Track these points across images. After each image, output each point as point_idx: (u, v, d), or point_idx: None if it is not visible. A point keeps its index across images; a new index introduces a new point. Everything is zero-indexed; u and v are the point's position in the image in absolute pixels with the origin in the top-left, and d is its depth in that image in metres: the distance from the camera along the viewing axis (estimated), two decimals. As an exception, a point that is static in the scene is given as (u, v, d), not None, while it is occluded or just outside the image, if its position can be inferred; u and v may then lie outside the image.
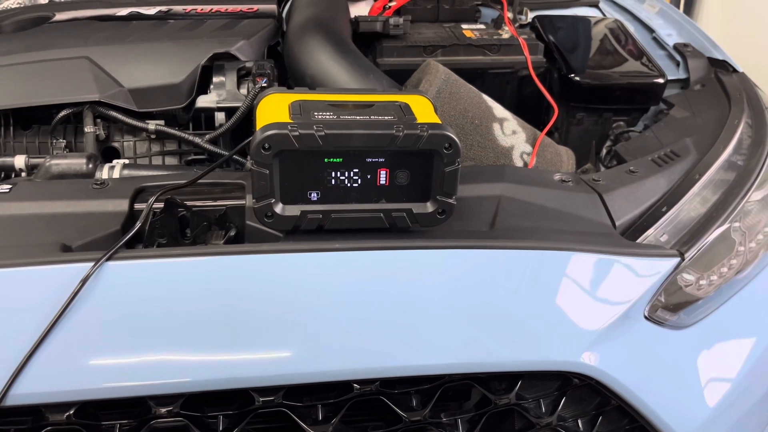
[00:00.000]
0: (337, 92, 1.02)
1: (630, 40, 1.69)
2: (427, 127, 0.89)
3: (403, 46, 1.57)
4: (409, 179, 0.93)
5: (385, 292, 0.92)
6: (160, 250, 0.92)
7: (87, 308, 0.85)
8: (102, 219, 0.99)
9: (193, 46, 1.38)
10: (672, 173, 1.19)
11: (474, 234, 0.99)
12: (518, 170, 1.20)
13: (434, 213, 0.94)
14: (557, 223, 1.05)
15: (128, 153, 1.37)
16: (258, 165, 0.88)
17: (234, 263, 0.90)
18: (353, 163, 0.91)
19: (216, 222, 1.04)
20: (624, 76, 1.57)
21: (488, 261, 0.96)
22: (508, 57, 1.60)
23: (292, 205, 0.92)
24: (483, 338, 0.92)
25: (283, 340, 0.89)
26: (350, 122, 0.90)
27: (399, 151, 0.90)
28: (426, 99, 1.02)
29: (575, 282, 0.97)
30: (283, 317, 0.89)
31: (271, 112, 0.94)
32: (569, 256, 0.98)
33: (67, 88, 1.30)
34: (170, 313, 0.87)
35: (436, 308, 0.92)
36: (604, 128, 1.60)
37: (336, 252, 0.91)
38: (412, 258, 0.93)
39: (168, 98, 1.34)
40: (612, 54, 1.64)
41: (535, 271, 0.96)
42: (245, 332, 0.88)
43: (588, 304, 0.96)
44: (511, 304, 0.94)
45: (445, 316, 0.92)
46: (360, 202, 0.93)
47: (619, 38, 1.71)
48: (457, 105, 1.28)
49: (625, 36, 1.71)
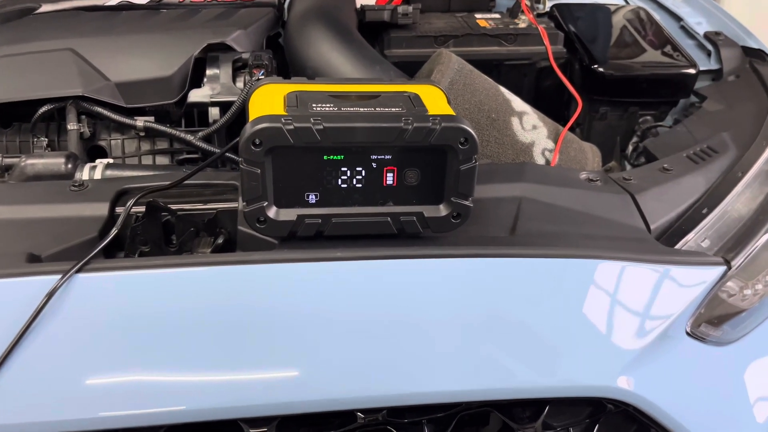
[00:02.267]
0: (339, 82, 0.92)
1: (656, 28, 1.58)
2: (439, 119, 0.79)
3: (412, 37, 1.47)
4: (420, 179, 0.83)
5: (392, 308, 0.81)
6: (137, 261, 0.82)
7: (53, 327, 0.75)
8: (78, 224, 0.90)
9: (186, 36, 1.29)
10: (710, 171, 1.09)
11: (492, 240, 0.88)
12: (540, 168, 1.09)
13: (448, 217, 0.84)
14: (585, 228, 0.94)
15: (116, 152, 1.27)
16: (248, 163, 0.78)
17: (221, 275, 0.80)
18: (356, 161, 0.81)
19: (205, 227, 0.94)
20: (651, 67, 1.45)
21: (509, 271, 0.85)
22: (526, 47, 1.49)
23: (288, 209, 0.82)
24: (505, 360, 0.81)
25: (277, 362, 0.78)
26: (353, 115, 0.80)
27: (408, 146, 0.80)
28: (438, 89, 0.92)
29: (608, 294, 0.86)
30: (276, 337, 0.78)
31: (264, 104, 0.84)
32: (600, 264, 0.87)
33: (48, 82, 1.21)
34: (147, 333, 0.77)
35: (450, 326, 0.81)
36: (629, 123, 1.49)
37: (337, 262, 0.81)
38: (423, 268, 0.83)
39: (158, 93, 1.24)
40: (637, 43, 1.53)
41: (563, 282, 0.86)
42: (233, 354, 0.78)
43: (623, 319, 0.85)
44: (537, 320, 0.83)
45: (461, 334, 0.81)
46: (364, 204, 0.83)
47: (645, 27, 1.59)
48: (472, 97, 1.17)
49: (651, 24, 1.60)
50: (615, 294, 0.86)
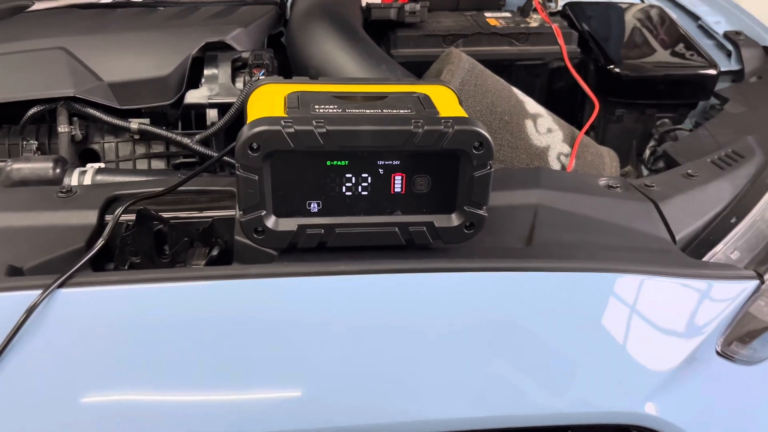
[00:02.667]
0: (343, 82, 0.86)
1: (673, 27, 1.52)
2: (452, 122, 0.73)
3: (419, 36, 1.41)
4: (430, 186, 0.77)
5: (401, 326, 0.75)
6: (124, 275, 0.76)
7: (32, 347, 0.69)
8: (64, 234, 0.84)
9: (183, 35, 1.23)
10: (737, 177, 1.02)
11: (508, 252, 0.82)
12: (556, 174, 1.03)
13: (460, 227, 0.78)
14: (606, 238, 0.88)
15: (110, 156, 1.21)
16: (245, 169, 0.72)
17: (215, 290, 0.74)
18: (362, 167, 0.75)
19: (200, 237, 0.88)
20: (670, 68, 1.39)
21: (526, 286, 0.79)
22: (538, 47, 1.43)
23: (288, 218, 0.76)
24: (523, 383, 0.75)
25: (274, 387, 0.72)
26: (358, 117, 0.74)
27: (418, 151, 0.74)
28: (449, 89, 0.86)
29: (633, 311, 0.80)
30: (273, 359, 0.72)
31: (263, 106, 0.78)
32: (624, 278, 0.80)
33: (38, 82, 1.15)
34: (134, 354, 0.71)
35: (464, 346, 0.75)
36: (646, 126, 1.43)
37: (341, 276, 0.75)
38: (433, 283, 0.77)
39: (154, 93, 1.18)
40: (654, 43, 1.46)
41: (584, 297, 0.79)
42: (226, 378, 0.72)
43: (650, 339, 0.79)
44: (556, 339, 0.77)
45: (475, 355, 0.75)
46: (370, 213, 0.77)
47: (661, 26, 1.53)
48: (484, 99, 1.11)
49: (668, 23, 1.53)
50: (641, 311, 0.80)
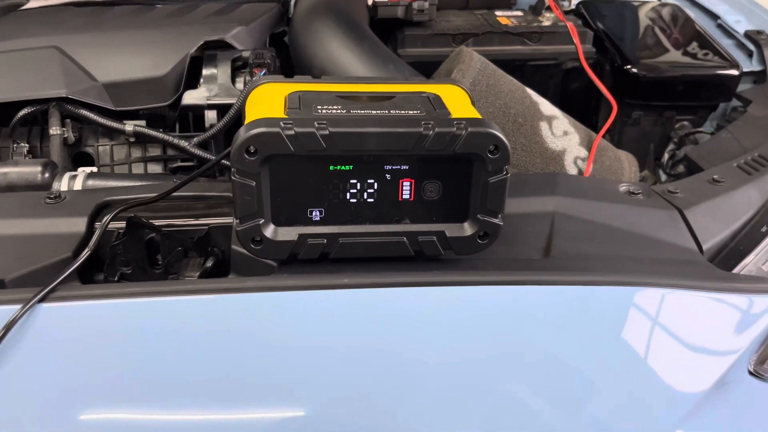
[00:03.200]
0: (348, 81, 0.81)
1: (692, 26, 1.46)
2: (465, 123, 0.67)
3: (428, 35, 1.36)
4: (441, 193, 0.71)
5: (408, 345, 0.69)
6: (110, 288, 0.70)
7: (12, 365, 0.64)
8: (51, 242, 0.79)
9: (181, 33, 1.18)
10: (766, 182, 0.96)
11: (525, 264, 0.77)
12: (574, 179, 0.97)
13: (473, 237, 0.72)
14: (629, 249, 0.82)
15: (104, 159, 1.16)
16: (241, 175, 0.67)
17: (208, 304, 0.68)
18: (367, 172, 0.70)
19: (195, 246, 0.83)
20: (689, 68, 1.33)
21: (544, 300, 0.73)
22: (552, 47, 1.37)
23: (288, 227, 0.71)
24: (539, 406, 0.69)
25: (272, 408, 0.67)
26: (364, 118, 0.69)
27: (428, 155, 0.68)
28: (461, 89, 0.81)
29: (660, 328, 0.74)
30: (271, 380, 0.67)
31: (262, 106, 0.73)
32: (649, 293, 0.74)
33: (30, 82, 1.10)
34: (119, 374, 0.65)
35: (476, 365, 0.69)
36: (664, 129, 1.37)
37: (344, 290, 0.69)
38: (444, 297, 0.71)
39: (150, 94, 1.14)
40: (672, 43, 1.40)
41: (606, 314, 0.73)
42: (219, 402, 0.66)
43: (678, 359, 0.73)
44: (576, 360, 0.71)
45: (488, 375, 0.69)
46: (376, 222, 0.72)
47: (679, 25, 1.47)
48: (496, 100, 1.05)
49: (686, 22, 1.47)
50: (668, 328, 0.74)
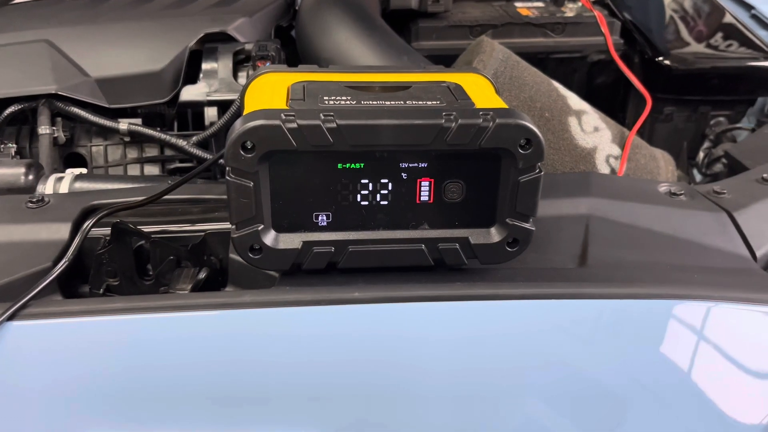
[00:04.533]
0: (358, 70, 0.73)
1: (725, 16, 1.36)
2: (492, 114, 0.58)
3: (444, 27, 1.29)
4: (465, 194, 0.63)
5: (427, 366, 0.60)
6: (88, 304, 0.62)
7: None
8: (30, 251, 0.71)
9: (180, 25, 1.11)
10: (822, 182, 0.87)
11: (559, 275, 0.68)
12: (609, 179, 0.88)
13: (502, 243, 0.64)
14: (674, 256, 0.73)
15: (98, 161, 1.08)
16: (237, 174, 0.59)
17: (201, 322, 0.60)
18: (381, 171, 0.61)
19: (190, 255, 0.75)
20: (725, 60, 1.24)
21: (583, 316, 0.64)
22: (576, 38, 1.29)
23: (291, 234, 0.63)
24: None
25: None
26: (376, 109, 0.60)
27: (450, 151, 0.60)
28: (484, 78, 0.72)
29: (716, 348, 0.64)
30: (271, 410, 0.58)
31: (262, 97, 0.65)
32: (702, 307, 0.66)
33: (17, 78, 1.03)
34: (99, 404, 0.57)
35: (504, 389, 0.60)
36: (698, 126, 1.28)
37: (355, 305, 0.61)
38: (468, 313, 0.62)
39: (146, 91, 1.06)
40: (705, 34, 1.31)
41: (653, 331, 0.64)
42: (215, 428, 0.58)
43: (738, 383, 0.63)
44: (620, 384, 0.62)
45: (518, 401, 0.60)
46: (391, 228, 0.64)
47: (712, 14, 1.38)
48: (521, 93, 0.96)
49: (719, 12, 1.38)
50: (724, 348, 0.65)
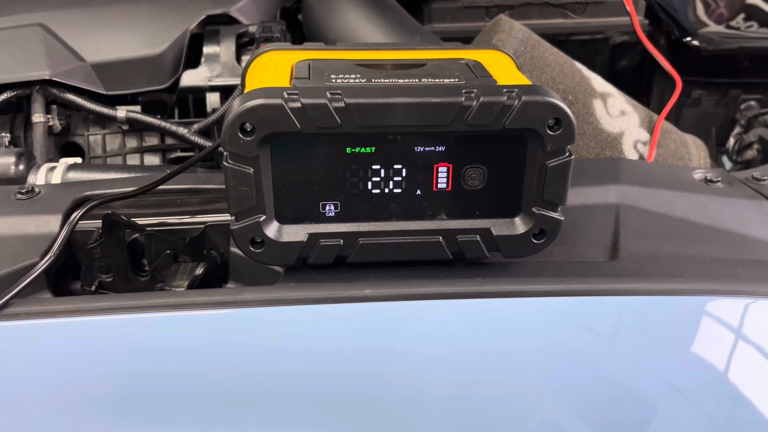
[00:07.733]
0: (368, 48, 0.67)
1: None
2: (518, 91, 0.53)
3: (458, 8, 1.24)
4: (486, 181, 0.57)
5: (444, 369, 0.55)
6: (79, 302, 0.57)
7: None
8: (18, 245, 0.66)
9: (180, 6, 1.06)
10: None
11: (590, 269, 0.62)
12: (639, 165, 0.82)
13: (527, 235, 0.58)
14: (715, 248, 0.67)
15: (96, 150, 1.03)
16: (235, 159, 0.53)
17: (196, 323, 0.54)
18: (394, 155, 0.56)
19: (188, 249, 0.69)
20: (757, 40, 1.17)
21: (617, 314, 0.58)
22: (598, 19, 1.23)
23: (295, 225, 0.57)
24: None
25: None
26: (388, 88, 0.55)
27: (470, 133, 0.54)
28: (505, 55, 0.66)
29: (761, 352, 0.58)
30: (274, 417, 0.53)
31: (264, 76, 0.60)
32: (748, 304, 0.59)
33: (10, 64, 0.98)
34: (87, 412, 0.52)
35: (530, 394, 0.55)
36: (727, 110, 1.21)
37: (365, 303, 0.55)
38: (490, 311, 0.57)
39: (145, 76, 1.01)
40: (736, 12, 1.24)
41: (695, 331, 0.58)
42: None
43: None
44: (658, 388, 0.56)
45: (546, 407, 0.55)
46: (404, 218, 0.58)
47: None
48: (542, 74, 0.90)
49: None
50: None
